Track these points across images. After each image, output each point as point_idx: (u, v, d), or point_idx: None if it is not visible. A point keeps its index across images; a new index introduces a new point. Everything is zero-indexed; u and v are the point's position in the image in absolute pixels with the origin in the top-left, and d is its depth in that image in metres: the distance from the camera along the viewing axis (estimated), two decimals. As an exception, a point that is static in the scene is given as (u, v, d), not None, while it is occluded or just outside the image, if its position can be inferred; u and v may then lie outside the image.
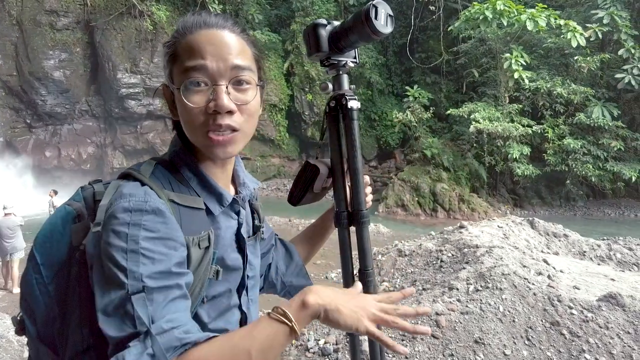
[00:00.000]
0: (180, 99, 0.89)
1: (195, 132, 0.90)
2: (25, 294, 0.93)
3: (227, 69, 0.90)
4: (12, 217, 7.95)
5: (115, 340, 0.75)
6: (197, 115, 0.89)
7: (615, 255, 6.93)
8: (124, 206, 0.82)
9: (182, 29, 0.93)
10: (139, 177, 0.88)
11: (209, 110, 0.88)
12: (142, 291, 0.76)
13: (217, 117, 0.88)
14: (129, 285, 0.76)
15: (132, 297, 0.76)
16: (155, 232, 0.81)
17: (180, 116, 0.92)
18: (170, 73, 0.94)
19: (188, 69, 0.88)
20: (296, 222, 12.96)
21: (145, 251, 0.79)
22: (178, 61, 0.91)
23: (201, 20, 0.93)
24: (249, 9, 22.99)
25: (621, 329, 4.04)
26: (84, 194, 0.97)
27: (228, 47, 0.91)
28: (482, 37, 18.20)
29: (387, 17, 0.99)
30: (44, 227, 0.95)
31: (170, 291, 0.79)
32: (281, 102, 23.22)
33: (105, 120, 22.48)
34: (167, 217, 0.83)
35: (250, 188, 1.10)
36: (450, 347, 3.92)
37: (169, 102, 0.97)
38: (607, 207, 18.24)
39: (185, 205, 0.90)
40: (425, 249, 6.96)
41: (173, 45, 0.93)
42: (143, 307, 0.75)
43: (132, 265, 0.77)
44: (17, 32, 20.20)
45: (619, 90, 17.75)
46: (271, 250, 1.26)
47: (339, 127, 1.11)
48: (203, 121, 0.89)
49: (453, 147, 18.87)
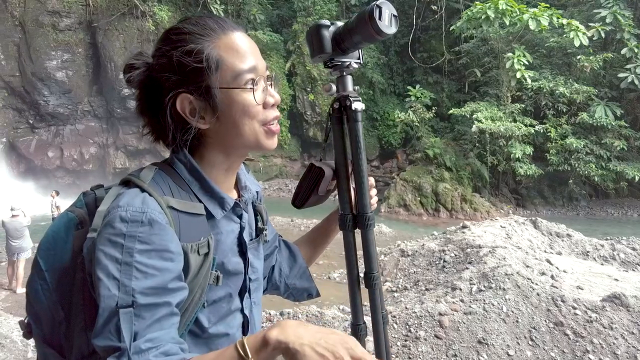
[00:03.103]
0: (241, 99, 0.91)
1: (257, 128, 0.94)
2: (31, 299, 0.95)
3: (264, 68, 0.97)
4: (19, 219, 8.10)
5: (99, 348, 0.77)
6: (259, 111, 0.94)
7: (619, 255, 6.91)
8: (121, 215, 0.82)
9: (209, 31, 0.91)
10: (139, 184, 0.88)
11: (267, 106, 0.95)
12: (131, 306, 0.77)
13: (274, 110, 0.97)
14: (119, 298, 0.77)
15: (119, 310, 0.77)
16: (150, 245, 0.81)
17: (237, 117, 0.92)
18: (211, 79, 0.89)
19: (243, 70, 0.91)
20: (298, 222, 12.96)
21: (139, 265, 0.79)
22: (224, 63, 0.90)
23: (224, 23, 0.95)
24: (250, 9, 23.03)
25: (625, 329, 4.02)
26: (85, 200, 0.98)
27: (256, 46, 0.98)
28: (484, 37, 18.18)
29: (391, 18, 0.98)
30: (47, 234, 0.96)
31: (159, 309, 0.80)
32: (283, 102, 23.22)
33: (107, 121, 22.53)
34: (163, 227, 0.83)
35: (253, 191, 1.09)
36: (453, 347, 3.91)
37: (190, 110, 0.92)
38: (610, 206, 18.20)
39: (184, 212, 0.90)
40: (428, 249, 6.94)
41: (206, 49, 0.89)
42: (129, 322, 0.76)
43: (125, 278, 0.78)
44: (19, 32, 20.26)
45: (622, 90, 17.69)
46: (275, 252, 1.25)
47: (343, 129, 1.10)
48: (263, 117, 0.95)
49: (455, 147, 18.85)
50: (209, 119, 0.92)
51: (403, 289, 6.21)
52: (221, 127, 0.93)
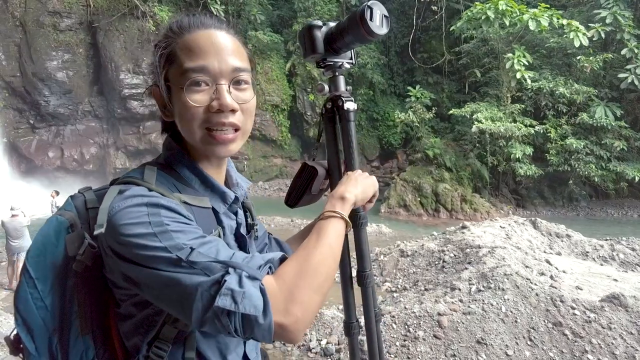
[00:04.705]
0: (181, 99, 0.89)
1: (196, 131, 0.91)
2: (20, 310, 0.90)
3: (228, 70, 0.91)
4: (19, 218, 8.11)
5: (203, 293, 0.75)
6: (200, 114, 0.89)
7: (618, 255, 6.91)
8: (138, 202, 0.82)
9: (177, 29, 0.93)
10: (146, 186, 0.87)
11: (211, 109, 0.89)
12: (193, 249, 0.78)
13: (221, 115, 0.90)
14: (178, 254, 0.77)
15: (189, 258, 0.77)
16: (175, 218, 0.82)
17: (180, 116, 0.92)
18: (166, 73, 0.93)
19: (189, 69, 0.89)
20: (298, 222, 12.97)
21: (173, 227, 0.80)
22: (176, 61, 0.91)
23: (198, 21, 0.93)
24: (251, 10, 23.05)
25: (624, 329, 4.02)
26: (75, 203, 0.96)
27: (227, 48, 0.92)
28: (484, 37, 18.17)
29: (383, 18, 0.99)
30: (36, 240, 0.93)
31: (216, 242, 0.82)
32: (283, 102, 23.24)
33: (107, 121, 22.55)
34: (183, 212, 0.85)
35: (244, 188, 1.10)
36: (452, 347, 3.91)
37: (159, 102, 0.97)
38: (610, 207, 18.18)
39: (196, 206, 0.91)
40: (427, 249, 6.95)
41: (169, 45, 0.92)
42: (205, 257, 0.77)
43: (168, 242, 0.78)
44: (20, 33, 20.29)
45: (622, 90, 17.67)
46: (265, 249, 1.25)
47: (335, 128, 1.11)
48: (205, 119, 0.90)
49: (455, 147, 18.85)
50: (169, 113, 0.95)
51: (402, 289, 6.21)
52: (178, 124, 0.95)
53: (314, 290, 0.81)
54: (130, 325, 0.90)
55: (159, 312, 0.87)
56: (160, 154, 1.01)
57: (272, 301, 0.76)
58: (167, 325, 0.88)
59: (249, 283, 0.76)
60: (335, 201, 0.98)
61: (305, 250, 0.86)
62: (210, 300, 0.74)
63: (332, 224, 0.93)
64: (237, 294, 0.74)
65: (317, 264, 0.84)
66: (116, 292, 0.90)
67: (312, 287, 0.81)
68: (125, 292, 0.88)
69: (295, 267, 0.83)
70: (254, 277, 0.77)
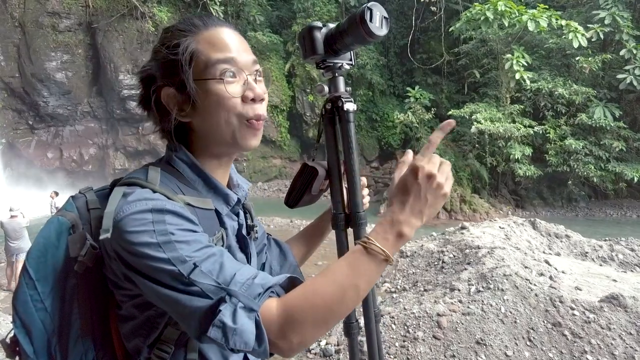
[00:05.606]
0: (215, 91, 0.89)
1: (233, 122, 0.91)
2: (19, 312, 0.89)
3: (249, 62, 0.94)
4: (18, 219, 8.12)
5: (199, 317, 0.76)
6: (237, 105, 0.90)
7: (617, 256, 6.91)
8: (142, 208, 0.81)
9: (192, 27, 0.93)
10: (150, 187, 0.86)
11: (245, 100, 0.91)
12: (196, 266, 0.77)
13: (255, 105, 0.92)
14: (180, 269, 0.77)
15: (190, 276, 0.76)
16: (180, 225, 0.81)
17: (213, 108, 0.90)
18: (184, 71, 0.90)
19: (219, 60, 0.90)
20: (297, 222, 12.96)
21: (177, 238, 0.79)
22: (199, 56, 0.90)
23: (209, 19, 0.95)
24: (250, 10, 23.05)
25: (623, 330, 4.03)
26: (76, 204, 0.95)
27: (244, 42, 0.96)
28: (483, 38, 18.20)
29: (382, 20, 0.99)
30: (36, 241, 0.92)
31: (220, 255, 0.81)
32: (282, 103, 23.23)
33: (107, 122, 22.53)
34: (188, 216, 0.84)
35: (245, 189, 1.10)
36: (451, 348, 3.91)
37: (172, 103, 0.93)
38: (609, 207, 18.20)
39: (199, 207, 0.90)
40: (426, 249, 6.95)
41: (188, 43, 0.90)
42: (206, 277, 0.77)
43: (172, 253, 0.77)
44: (19, 33, 20.28)
45: (621, 91, 17.72)
46: (264, 249, 1.25)
47: (335, 129, 1.11)
48: (241, 111, 0.91)
49: (454, 148, 18.87)
50: (189, 112, 0.92)
51: (402, 289, 6.21)
52: (202, 121, 0.93)
53: (319, 326, 0.78)
54: (131, 327, 0.89)
55: (161, 314, 0.86)
56: (162, 155, 1.01)
57: (269, 327, 0.75)
58: (169, 327, 0.87)
59: (243, 316, 0.74)
60: (389, 233, 0.82)
61: (326, 281, 0.79)
62: (205, 327, 0.75)
63: (373, 264, 0.81)
64: (229, 330, 0.73)
65: (332, 303, 0.78)
66: (117, 294, 0.90)
67: (317, 323, 0.78)
68: (126, 293, 0.87)
69: (305, 301, 0.78)
70: (250, 308, 0.75)
